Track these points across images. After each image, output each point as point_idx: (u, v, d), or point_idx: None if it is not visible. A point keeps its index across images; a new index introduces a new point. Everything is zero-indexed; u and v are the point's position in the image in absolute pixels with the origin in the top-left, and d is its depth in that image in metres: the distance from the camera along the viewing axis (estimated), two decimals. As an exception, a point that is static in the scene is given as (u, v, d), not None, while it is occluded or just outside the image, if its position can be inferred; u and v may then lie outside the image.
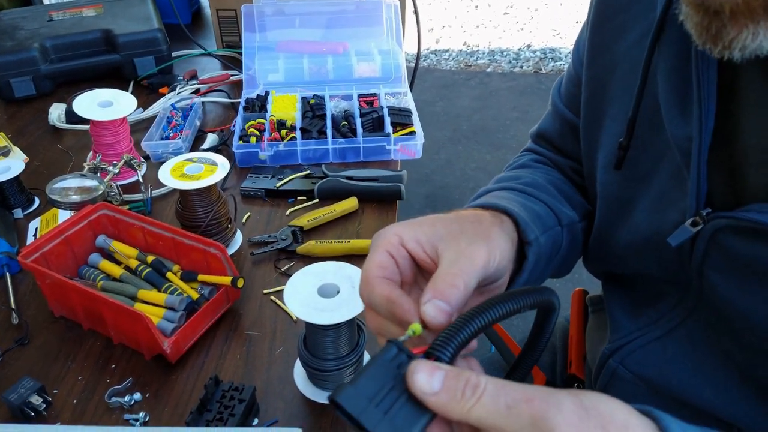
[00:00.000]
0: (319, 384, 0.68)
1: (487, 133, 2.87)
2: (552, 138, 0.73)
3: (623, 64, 0.57)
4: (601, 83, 0.60)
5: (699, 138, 0.47)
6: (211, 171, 0.82)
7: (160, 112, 1.15)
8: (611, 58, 0.59)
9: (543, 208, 0.59)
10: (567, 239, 0.62)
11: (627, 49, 0.57)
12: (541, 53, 3.58)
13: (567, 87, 0.70)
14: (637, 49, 0.55)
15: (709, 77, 0.47)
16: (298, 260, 0.87)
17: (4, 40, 1.25)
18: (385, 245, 0.46)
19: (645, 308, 0.61)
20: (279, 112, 1.12)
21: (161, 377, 0.70)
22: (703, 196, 0.49)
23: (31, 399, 0.65)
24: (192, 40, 1.41)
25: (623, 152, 0.56)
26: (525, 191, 0.61)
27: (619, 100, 0.58)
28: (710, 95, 0.47)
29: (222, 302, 0.77)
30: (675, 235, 0.50)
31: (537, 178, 0.66)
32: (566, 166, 0.71)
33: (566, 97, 0.70)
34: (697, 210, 0.49)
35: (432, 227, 0.47)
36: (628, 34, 0.57)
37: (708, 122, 0.47)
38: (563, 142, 0.72)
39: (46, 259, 0.76)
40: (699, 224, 0.49)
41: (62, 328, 0.77)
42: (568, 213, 0.62)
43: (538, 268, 0.56)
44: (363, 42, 1.27)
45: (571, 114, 0.69)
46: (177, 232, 0.78)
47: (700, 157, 0.48)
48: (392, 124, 1.09)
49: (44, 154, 1.10)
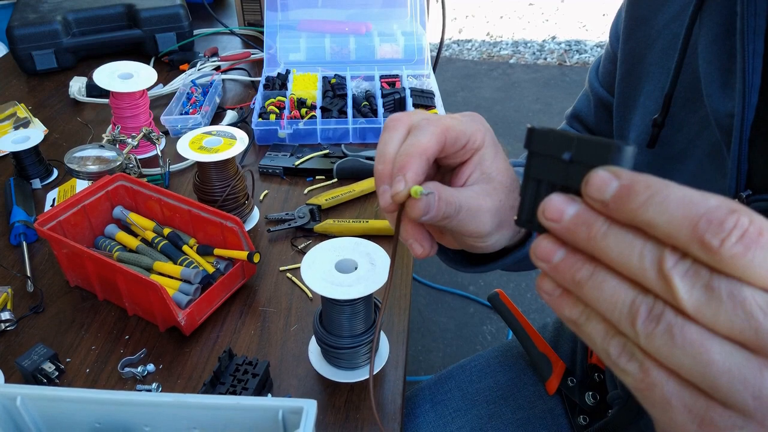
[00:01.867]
0: (334, 362, 0.66)
1: (509, 125, 2.83)
2: (587, 119, 0.71)
3: (661, 38, 0.55)
4: (637, 58, 0.58)
5: (742, 114, 0.45)
6: (230, 145, 0.80)
7: (180, 87, 1.14)
8: (649, 32, 0.56)
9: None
10: None
11: (666, 22, 0.55)
12: (566, 45, 3.53)
13: (605, 66, 0.67)
14: (677, 23, 0.53)
15: (755, 49, 0.44)
16: (315, 239, 0.85)
17: (27, 12, 1.25)
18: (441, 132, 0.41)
19: None
20: (299, 91, 1.10)
21: (175, 349, 0.69)
22: (743, 176, 0.47)
23: (44, 366, 0.64)
24: (214, 18, 1.39)
25: (658, 130, 0.54)
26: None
27: (654, 75, 0.56)
28: (755, 68, 0.44)
29: (237, 277, 0.76)
30: None
31: None
32: None
33: (603, 76, 0.68)
34: (737, 192, 0.47)
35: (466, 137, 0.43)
36: (668, 7, 0.55)
37: (752, 97, 0.45)
38: (598, 123, 0.69)
39: (63, 228, 0.76)
40: None
41: (77, 297, 0.76)
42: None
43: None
44: (386, 23, 1.25)
45: (607, 94, 0.67)
46: (194, 204, 0.77)
47: (742, 135, 0.45)
48: (414, 106, 1.07)
49: (64, 127, 1.10)
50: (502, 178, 0.43)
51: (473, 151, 0.42)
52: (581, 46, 3.50)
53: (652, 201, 0.23)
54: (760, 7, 0.44)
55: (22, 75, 1.26)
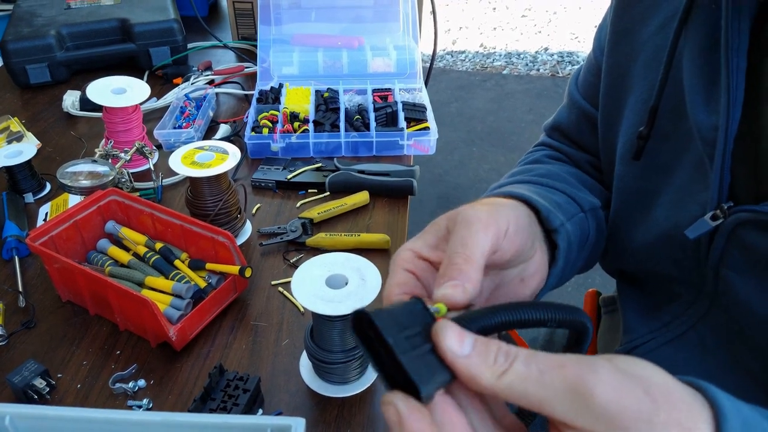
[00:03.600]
0: (325, 377, 0.67)
1: (502, 135, 2.85)
2: (568, 130, 0.71)
3: (646, 50, 0.56)
4: (622, 71, 0.59)
5: (726, 127, 0.46)
6: (222, 159, 0.81)
7: (174, 101, 1.15)
8: (633, 44, 0.57)
9: (562, 197, 0.57)
10: (593, 225, 0.59)
11: (650, 35, 0.55)
12: (559, 56, 3.56)
13: (585, 77, 0.68)
14: (661, 35, 0.54)
15: (739, 64, 0.45)
16: (307, 252, 0.86)
17: (21, 26, 1.26)
18: (401, 263, 0.43)
19: (657, 311, 0.60)
20: (292, 105, 1.11)
21: (166, 365, 0.70)
22: (725, 188, 0.47)
23: (35, 382, 0.64)
24: (208, 32, 1.40)
25: (643, 142, 0.54)
26: (540, 182, 0.59)
27: (639, 87, 0.56)
28: (739, 84, 0.45)
29: (229, 291, 0.76)
30: (693, 228, 0.48)
31: (552, 169, 0.63)
32: (583, 161, 0.69)
33: (584, 88, 0.68)
34: (719, 203, 0.47)
35: (435, 225, 0.44)
36: (652, 19, 0.55)
37: (735, 111, 0.46)
38: (580, 134, 0.69)
39: (55, 243, 0.76)
40: (719, 218, 0.47)
41: (69, 312, 0.76)
42: (588, 198, 0.60)
43: (570, 257, 0.53)
44: (379, 37, 1.26)
45: (588, 105, 0.67)
46: (186, 219, 0.77)
47: (725, 148, 0.46)
48: (406, 119, 1.08)
49: (57, 141, 1.10)
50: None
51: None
52: (573, 58, 3.53)
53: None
54: (743, 24, 0.45)
55: (15, 89, 1.27)
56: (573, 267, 0.56)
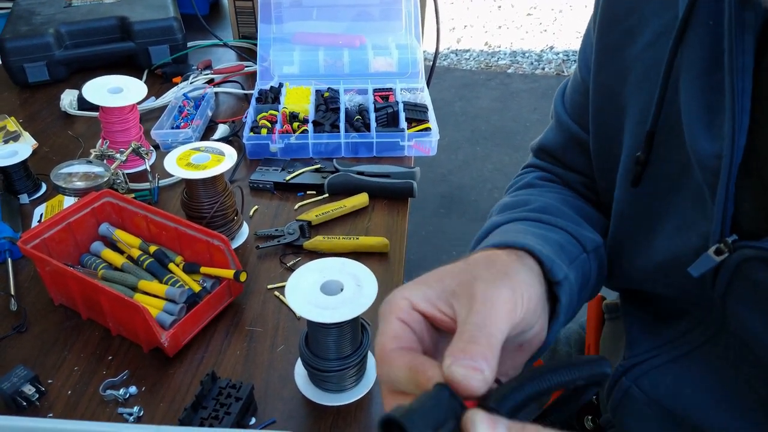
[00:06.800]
0: (320, 385, 0.65)
1: (506, 135, 2.83)
2: (555, 153, 0.68)
3: (635, 70, 0.52)
4: (611, 92, 0.55)
5: (731, 155, 0.42)
6: (218, 161, 0.79)
7: (172, 101, 1.13)
8: (622, 63, 0.53)
9: (564, 236, 0.53)
10: (595, 266, 0.56)
11: (639, 52, 0.52)
12: (564, 55, 3.53)
13: (572, 97, 0.64)
14: (650, 52, 0.50)
15: (744, 87, 0.42)
16: (305, 256, 0.84)
17: (20, 25, 1.24)
18: (396, 312, 0.40)
19: (663, 327, 0.57)
20: (292, 105, 1.09)
21: (158, 371, 0.68)
22: (728, 220, 0.44)
23: (24, 389, 0.63)
24: (208, 30, 1.39)
25: (641, 168, 0.51)
26: (540, 219, 0.55)
27: (633, 109, 0.53)
28: (744, 108, 0.42)
29: (224, 296, 0.74)
30: (697, 265, 0.45)
31: (549, 201, 0.59)
32: (576, 182, 0.66)
33: (572, 109, 0.64)
34: (722, 236, 0.44)
35: (440, 282, 0.41)
36: (640, 36, 0.52)
37: (741, 138, 0.42)
38: (569, 157, 0.66)
39: (47, 246, 0.74)
40: (723, 252, 0.44)
41: (61, 316, 0.75)
42: (591, 237, 0.56)
43: (571, 308, 0.50)
44: (380, 36, 1.24)
45: (576, 127, 0.63)
46: (181, 222, 0.76)
47: (729, 177, 0.43)
48: (407, 120, 1.06)
49: (54, 140, 1.09)
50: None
51: (452, 318, 0.40)
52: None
53: None
54: (747, 44, 0.42)
55: (14, 88, 1.26)
56: (573, 315, 0.53)
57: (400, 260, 0.83)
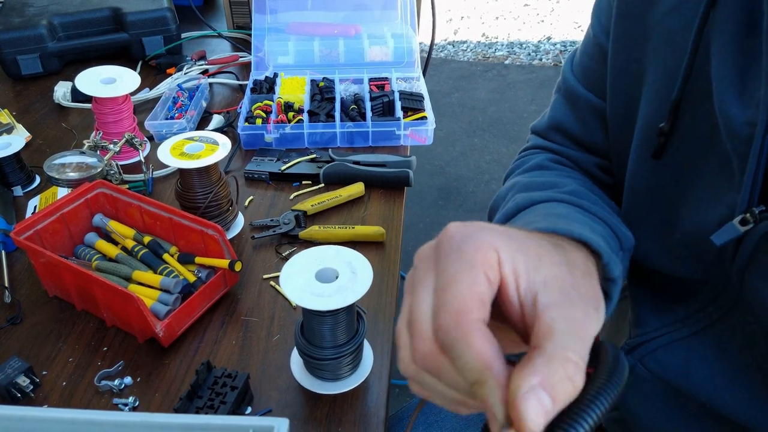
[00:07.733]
0: (316, 373, 0.65)
1: (504, 126, 2.82)
2: (572, 130, 0.63)
3: (656, 35, 0.50)
4: (631, 59, 0.53)
5: (766, 123, 0.40)
6: (212, 150, 0.79)
7: (166, 92, 1.12)
8: (642, 29, 0.51)
9: (605, 229, 0.51)
10: (626, 265, 0.54)
11: (661, 17, 0.50)
12: (561, 46, 3.52)
13: (585, 64, 0.62)
14: (673, 16, 0.48)
15: None
16: (300, 245, 0.84)
17: (12, 16, 1.23)
18: (483, 264, 0.32)
19: (673, 304, 0.55)
20: (287, 95, 1.09)
21: (153, 361, 0.68)
22: (758, 189, 0.43)
23: (18, 380, 0.63)
24: (203, 21, 1.38)
25: (664, 138, 0.49)
26: (581, 206, 0.52)
27: (653, 76, 0.51)
28: None
29: (219, 286, 0.74)
30: (720, 233, 0.44)
31: (578, 187, 0.56)
32: (590, 164, 0.62)
33: (585, 77, 0.62)
34: (749, 206, 0.43)
35: (538, 259, 0.34)
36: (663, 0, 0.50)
37: None
38: (588, 132, 0.62)
39: (41, 237, 0.74)
40: (749, 223, 0.42)
41: (55, 308, 0.75)
42: (627, 234, 0.54)
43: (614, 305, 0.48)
44: (376, 25, 1.23)
45: (593, 96, 0.61)
46: (175, 212, 0.75)
47: (763, 146, 0.41)
48: (403, 109, 1.05)
49: (48, 132, 1.08)
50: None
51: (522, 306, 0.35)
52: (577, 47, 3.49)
53: None
54: None
55: (7, 80, 1.25)
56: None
57: (396, 249, 0.83)
